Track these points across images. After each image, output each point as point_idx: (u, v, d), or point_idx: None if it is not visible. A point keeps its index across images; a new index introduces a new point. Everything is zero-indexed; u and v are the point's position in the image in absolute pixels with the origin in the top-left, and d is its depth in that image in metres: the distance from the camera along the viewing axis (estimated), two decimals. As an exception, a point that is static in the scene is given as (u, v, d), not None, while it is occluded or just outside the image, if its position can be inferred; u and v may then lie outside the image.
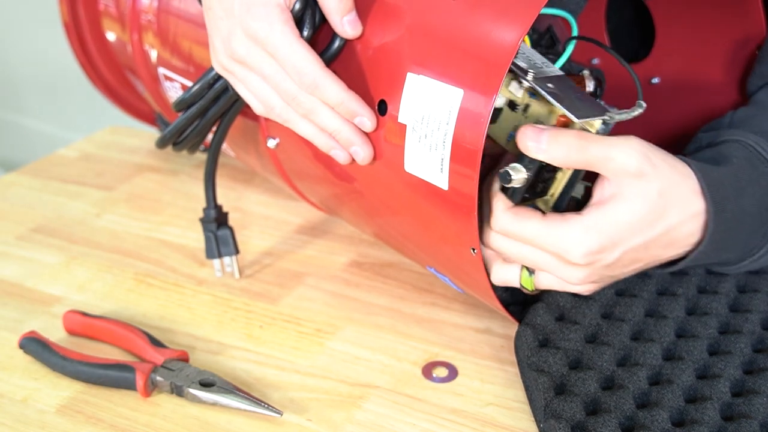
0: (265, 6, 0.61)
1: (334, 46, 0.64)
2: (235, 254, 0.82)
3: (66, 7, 1.05)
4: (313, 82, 0.61)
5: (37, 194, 1.00)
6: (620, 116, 0.59)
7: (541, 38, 0.71)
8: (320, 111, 0.63)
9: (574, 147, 0.58)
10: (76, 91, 1.26)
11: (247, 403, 0.64)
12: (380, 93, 0.62)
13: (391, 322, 0.75)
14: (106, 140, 1.14)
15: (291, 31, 0.61)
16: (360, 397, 0.67)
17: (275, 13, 0.61)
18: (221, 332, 0.75)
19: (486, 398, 0.67)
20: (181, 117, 0.74)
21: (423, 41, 0.60)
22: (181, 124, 0.74)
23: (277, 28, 0.61)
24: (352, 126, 0.63)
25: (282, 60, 0.61)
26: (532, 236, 0.60)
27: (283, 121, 0.65)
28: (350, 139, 0.63)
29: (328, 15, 0.62)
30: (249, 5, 0.61)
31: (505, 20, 0.57)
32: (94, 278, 0.83)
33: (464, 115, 0.57)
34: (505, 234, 0.62)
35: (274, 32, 0.61)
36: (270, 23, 0.61)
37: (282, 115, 0.65)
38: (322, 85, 0.61)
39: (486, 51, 0.57)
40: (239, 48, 0.62)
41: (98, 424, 0.65)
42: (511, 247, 0.62)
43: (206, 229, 0.81)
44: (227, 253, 0.81)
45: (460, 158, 0.58)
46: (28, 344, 0.71)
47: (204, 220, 0.81)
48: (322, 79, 0.61)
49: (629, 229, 0.59)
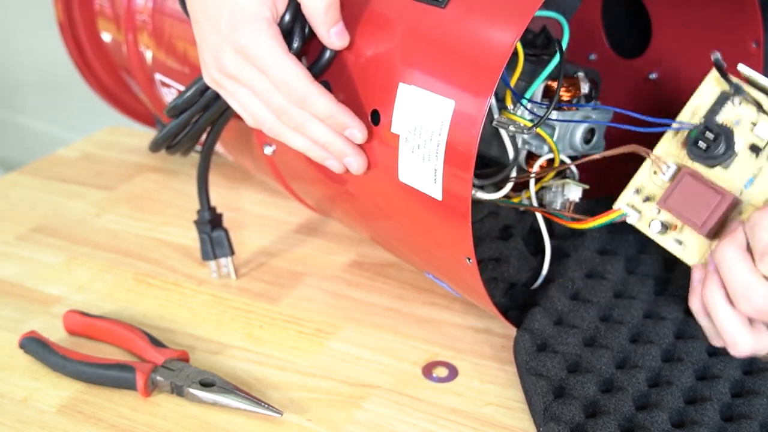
0: (252, 21, 0.60)
1: (324, 58, 0.64)
2: (230, 255, 0.82)
3: (61, 7, 1.05)
4: (302, 96, 0.61)
5: (37, 194, 1.00)
6: None
7: (536, 38, 0.71)
8: (310, 124, 0.62)
9: None
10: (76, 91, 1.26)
11: (247, 403, 0.64)
12: (373, 103, 0.62)
13: (391, 322, 0.76)
14: (106, 140, 1.14)
15: (279, 45, 0.60)
16: (360, 397, 0.67)
17: (262, 27, 0.60)
18: (221, 332, 0.75)
19: (486, 398, 0.67)
20: (173, 122, 0.74)
21: (414, 51, 0.60)
22: (173, 130, 0.74)
23: (265, 43, 0.60)
24: (343, 138, 0.63)
25: (271, 75, 0.61)
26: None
27: (274, 135, 0.65)
28: (342, 150, 0.63)
29: (315, 28, 0.62)
30: (236, 20, 0.60)
31: (497, 27, 0.57)
32: (95, 278, 0.83)
33: (456, 126, 0.57)
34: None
35: (261, 47, 0.60)
36: (257, 38, 0.60)
37: (273, 129, 0.64)
38: (311, 99, 0.61)
39: (477, 58, 0.57)
40: (228, 63, 0.62)
41: (98, 424, 0.65)
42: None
43: (201, 231, 0.82)
44: (222, 255, 0.82)
45: (454, 169, 0.58)
46: (28, 344, 0.71)
47: (198, 222, 0.82)
48: (311, 92, 0.61)
49: None
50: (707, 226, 0.58)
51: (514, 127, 0.63)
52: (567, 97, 0.69)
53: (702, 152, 0.59)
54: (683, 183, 0.59)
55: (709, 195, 0.58)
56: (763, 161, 0.58)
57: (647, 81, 0.80)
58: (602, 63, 0.82)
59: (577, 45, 0.78)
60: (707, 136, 0.58)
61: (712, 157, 0.58)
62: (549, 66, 0.65)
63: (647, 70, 0.80)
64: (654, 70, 0.80)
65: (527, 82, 0.66)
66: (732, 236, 0.55)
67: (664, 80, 0.80)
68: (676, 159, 0.62)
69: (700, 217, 0.58)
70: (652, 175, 0.63)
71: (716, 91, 0.60)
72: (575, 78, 0.69)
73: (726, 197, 0.58)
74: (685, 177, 0.59)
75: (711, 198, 0.58)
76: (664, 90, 0.80)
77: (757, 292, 0.52)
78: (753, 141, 0.58)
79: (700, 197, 0.59)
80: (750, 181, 0.58)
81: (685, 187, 0.59)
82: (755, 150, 0.58)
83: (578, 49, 0.81)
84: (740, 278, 0.53)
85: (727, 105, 0.59)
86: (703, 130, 0.59)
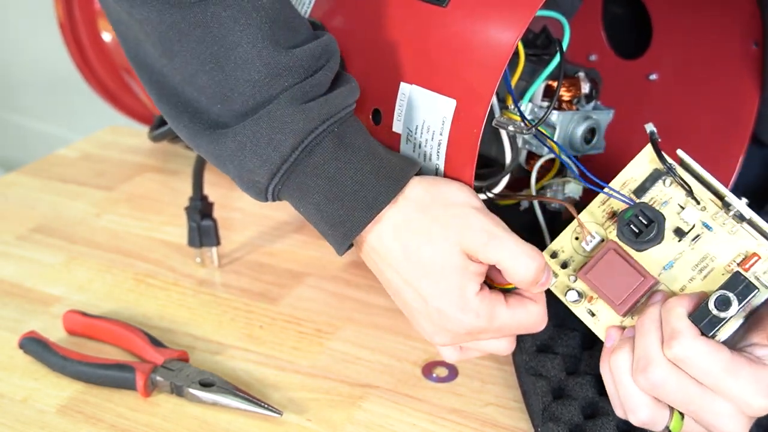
0: None
1: None
2: (215, 245, 0.83)
3: (61, 7, 1.05)
4: None
5: (37, 194, 1.00)
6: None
7: (537, 38, 0.71)
8: None
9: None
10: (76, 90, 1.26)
11: (246, 403, 0.64)
12: (374, 102, 0.62)
13: (391, 322, 0.75)
14: (106, 140, 1.14)
15: None
16: (360, 397, 0.67)
17: None
18: (221, 332, 0.75)
19: (486, 398, 0.67)
20: None
21: (415, 50, 0.60)
22: None
23: None
24: None
25: None
26: (718, 375, 0.51)
27: None
28: None
29: (523, 289, 0.58)
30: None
31: (498, 27, 0.57)
32: (94, 278, 0.83)
33: (458, 125, 0.57)
34: (684, 364, 0.52)
35: None
36: None
37: None
38: None
39: (479, 58, 0.57)
40: None
41: (98, 424, 0.64)
42: (679, 383, 0.52)
43: (190, 218, 0.83)
44: (209, 244, 0.83)
45: (455, 168, 0.58)
46: (28, 344, 0.71)
47: (189, 209, 0.83)
48: None
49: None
50: (624, 306, 0.56)
51: (514, 126, 0.63)
52: (568, 97, 0.69)
53: (633, 236, 0.56)
54: (606, 259, 0.57)
55: (630, 275, 0.56)
56: (685, 246, 0.56)
57: (647, 81, 0.80)
58: (602, 63, 0.82)
59: (577, 45, 0.78)
60: (641, 220, 0.56)
61: (641, 242, 0.56)
62: (549, 66, 0.65)
63: (647, 70, 0.80)
64: (654, 71, 0.79)
65: (528, 81, 0.66)
66: (653, 307, 0.55)
67: (664, 81, 0.80)
68: (599, 229, 0.59)
69: (619, 295, 0.56)
70: (573, 240, 0.60)
71: (649, 168, 0.59)
72: (576, 78, 0.69)
73: (647, 280, 0.56)
74: (610, 253, 0.57)
75: (632, 278, 0.56)
76: (663, 90, 0.80)
77: (656, 370, 0.52)
78: (678, 225, 0.57)
79: (621, 276, 0.56)
80: (670, 265, 0.57)
81: (608, 263, 0.57)
82: (679, 234, 0.56)
83: (578, 49, 0.81)
84: (646, 350, 0.53)
85: (658, 183, 0.58)
86: (637, 213, 0.56)
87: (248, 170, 0.56)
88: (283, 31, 0.56)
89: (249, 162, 0.56)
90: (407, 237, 0.56)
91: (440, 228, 0.55)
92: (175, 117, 0.58)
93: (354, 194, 0.56)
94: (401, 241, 0.56)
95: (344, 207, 0.56)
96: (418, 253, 0.56)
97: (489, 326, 0.56)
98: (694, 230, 0.56)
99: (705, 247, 0.56)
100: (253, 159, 0.55)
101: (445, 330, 0.57)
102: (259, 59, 0.54)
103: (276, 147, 0.55)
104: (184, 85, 0.56)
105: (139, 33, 0.57)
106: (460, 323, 0.56)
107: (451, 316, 0.56)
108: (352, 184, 0.56)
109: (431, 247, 0.55)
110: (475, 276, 0.56)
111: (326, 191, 0.56)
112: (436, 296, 0.56)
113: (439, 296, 0.55)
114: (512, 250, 0.55)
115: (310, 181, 0.56)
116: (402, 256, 0.56)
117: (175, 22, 0.54)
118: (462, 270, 0.55)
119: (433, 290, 0.56)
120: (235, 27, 0.54)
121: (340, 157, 0.56)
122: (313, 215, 0.58)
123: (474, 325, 0.56)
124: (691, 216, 0.56)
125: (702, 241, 0.56)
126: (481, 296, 0.56)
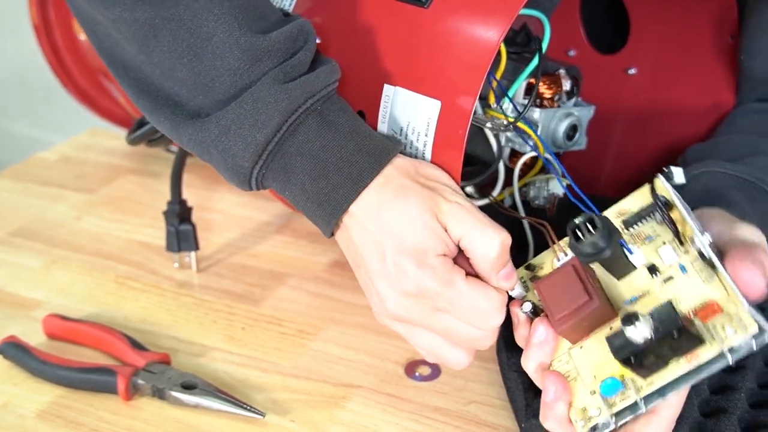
0: None
1: None
2: (194, 250, 0.83)
3: (36, 9, 1.04)
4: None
5: (17, 197, 0.99)
6: None
7: (517, 36, 0.71)
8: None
9: None
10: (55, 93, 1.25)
11: (229, 405, 0.64)
12: (358, 104, 0.62)
13: (373, 321, 0.75)
14: (86, 143, 1.13)
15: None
16: (343, 398, 0.67)
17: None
18: (203, 334, 0.75)
19: (469, 396, 0.67)
20: None
21: (398, 52, 0.60)
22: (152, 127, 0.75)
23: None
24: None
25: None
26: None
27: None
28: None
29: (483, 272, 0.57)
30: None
31: (481, 25, 0.57)
32: (75, 281, 0.82)
33: (443, 126, 0.57)
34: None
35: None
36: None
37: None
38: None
39: (463, 58, 0.57)
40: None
41: (79, 428, 0.64)
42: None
43: (169, 223, 0.83)
44: (187, 248, 0.83)
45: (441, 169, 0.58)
46: (7, 349, 0.70)
47: (167, 213, 0.83)
48: None
49: None
50: (561, 324, 0.53)
51: (492, 124, 0.62)
52: (549, 94, 0.69)
53: (574, 240, 0.52)
54: (562, 272, 0.55)
55: (577, 293, 0.53)
56: (653, 285, 0.54)
57: (626, 76, 0.80)
58: (581, 59, 0.82)
59: (556, 41, 0.78)
60: (587, 227, 0.52)
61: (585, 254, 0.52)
62: (530, 64, 0.65)
63: (626, 65, 0.80)
64: (632, 66, 0.80)
65: (509, 80, 0.66)
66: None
67: (644, 75, 0.80)
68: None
69: (559, 310, 0.53)
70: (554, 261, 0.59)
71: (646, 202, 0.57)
72: (557, 75, 0.69)
73: (592, 301, 0.52)
74: (567, 267, 0.54)
75: (578, 297, 0.53)
76: (642, 85, 0.80)
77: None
78: (654, 262, 0.54)
79: (569, 292, 0.53)
80: (633, 299, 0.54)
81: (563, 276, 0.54)
82: (653, 271, 0.54)
83: (558, 45, 0.81)
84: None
85: (651, 219, 0.56)
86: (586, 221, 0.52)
87: (232, 154, 0.56)
88: (255, 18, 0.56)
89: (233, 145, 0.56)
90: (385, 192, 0.56)
91: (418, 188, 0.56)
92: (155, 110, 0.58)
93: (338, 171, 0.56)
94: (379, 198, 0.56)
95: (330, 184, 0.56)
96: (390, 204, 0.56)
97: (442, 291, 0.55)
98: (668, 271, 0.54)
99: (673, 291, 0.53)
100: (238, 142, 0.56)
101: (397, 292, 0.56)
102: (236, 47, 0.55)
103: (260, 128, 0.55)
104: (163, 80, 0.57)
105: (113, 32, 0.57)
106: (415, 281, 0.55)
107: (407, 270, 0.55)
108: (336, 161, 0.56)
109: (406, 201, 0.56)
110: (441, 240, 0.55)
111: (311, 170, 0.56)
112: (397, 249, 0.55)
113: (399, 249, 0.55)
114: (476, 223, 0.55)
115: (295, 161, 0.57)
116: (376, 211, 0.56)
117: (148, 18, 0.54)
118: (430, 229, 0.55)
119: (396, 243, 0.55)
120: (209, 17, 0.55)
121: (324, 135, 0.56)
122: (298, 196, 0.58)
123: (427, 286, 0.55)
124: (669, 256, 0.54)
125: (673, 283, 0.53)
126: (443, 259, 0.56)
